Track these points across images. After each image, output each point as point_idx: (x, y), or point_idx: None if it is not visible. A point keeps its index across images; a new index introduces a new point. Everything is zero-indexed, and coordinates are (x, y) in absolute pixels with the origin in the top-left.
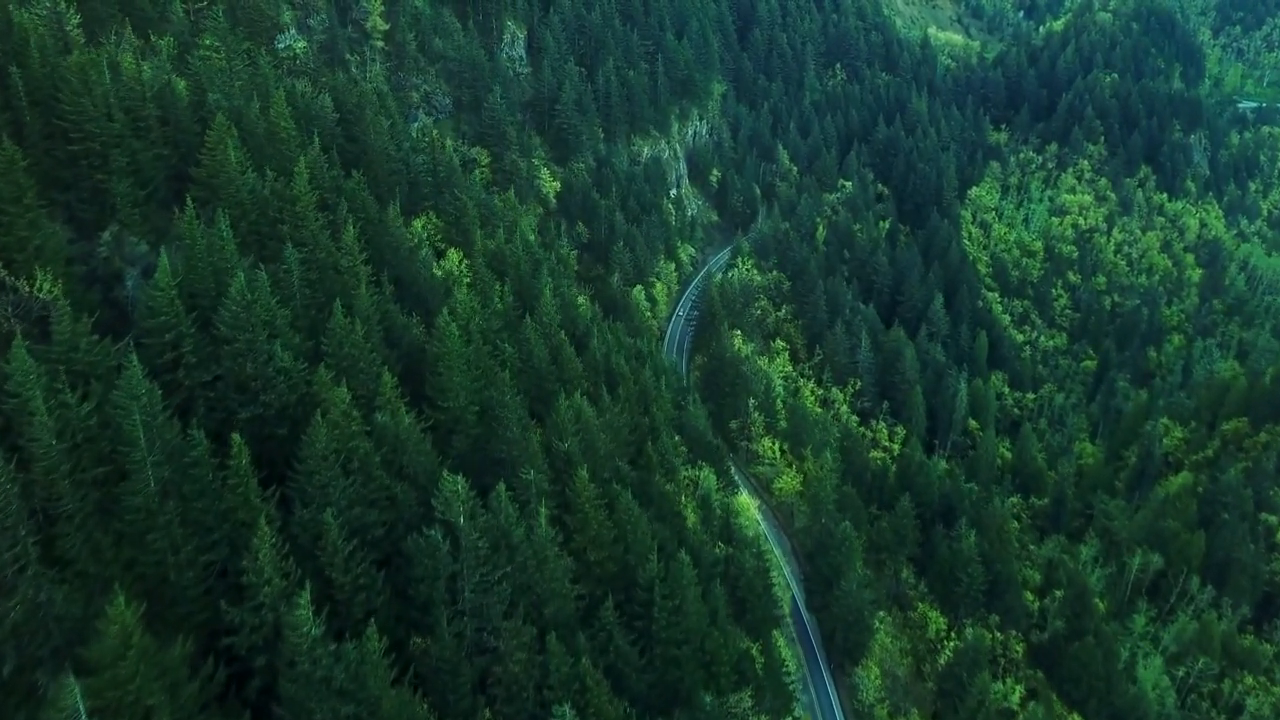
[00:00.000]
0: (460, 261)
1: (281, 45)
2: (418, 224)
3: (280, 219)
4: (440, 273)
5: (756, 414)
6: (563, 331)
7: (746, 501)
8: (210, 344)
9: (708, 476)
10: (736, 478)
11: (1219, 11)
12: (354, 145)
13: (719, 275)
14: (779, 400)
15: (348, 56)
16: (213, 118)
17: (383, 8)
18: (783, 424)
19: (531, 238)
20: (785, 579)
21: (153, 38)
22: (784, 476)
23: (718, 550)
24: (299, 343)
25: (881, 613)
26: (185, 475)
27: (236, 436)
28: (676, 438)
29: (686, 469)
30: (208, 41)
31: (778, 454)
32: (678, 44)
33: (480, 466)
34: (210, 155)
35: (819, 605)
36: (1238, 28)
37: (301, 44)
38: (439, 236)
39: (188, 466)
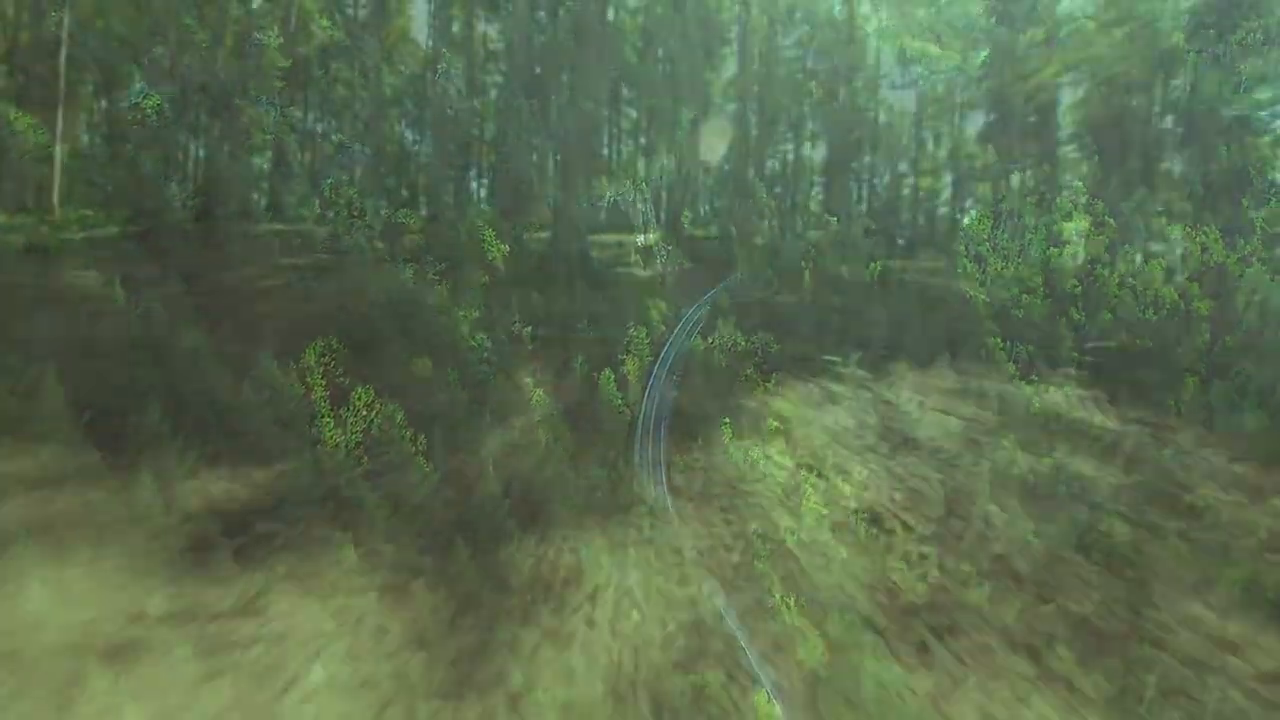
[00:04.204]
0: (369, 405)
1: (124, 105)
2: (311, 355)
3: None
4: (333, 444)
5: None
6: None
7: None
8: None
9: None
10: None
11: (1191, 15)
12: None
13: (698, 340)
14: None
15: (236, 103)
16: None
17: (281, 40)
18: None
19: (478, 314)
20: None
21: None
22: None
23: None
24: None
25: None
26: None
27: None
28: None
29: None
30: (13, 116)
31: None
32: (643, 66)
33: None
34: None
35: None
36: (1211, 32)
37: (154, 100)
38: (340, 370)
39: None
